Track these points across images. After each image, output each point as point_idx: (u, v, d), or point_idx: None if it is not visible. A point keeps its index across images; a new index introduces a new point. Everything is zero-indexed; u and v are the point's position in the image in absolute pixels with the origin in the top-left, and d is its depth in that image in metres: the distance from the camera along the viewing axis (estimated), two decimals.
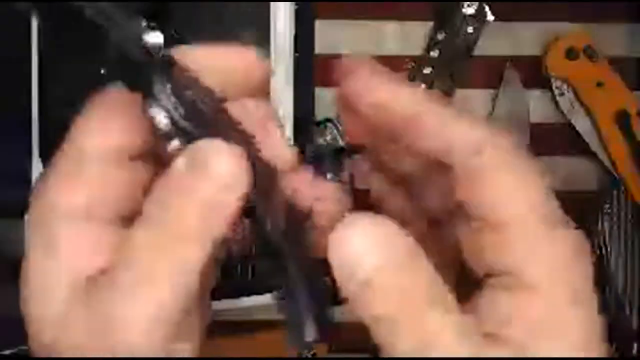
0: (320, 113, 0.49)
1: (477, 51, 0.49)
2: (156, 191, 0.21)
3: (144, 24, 0.30)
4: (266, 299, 0.46)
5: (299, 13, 0.46)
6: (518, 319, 0.22)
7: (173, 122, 0.20)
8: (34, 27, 0.42)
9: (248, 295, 0.46)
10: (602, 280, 0.48)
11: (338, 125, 0.49)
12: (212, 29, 0.43)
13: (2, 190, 0.42)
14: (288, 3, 0.44)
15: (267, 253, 0.32)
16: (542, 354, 0.22)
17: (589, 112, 0.49)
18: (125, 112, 0.23)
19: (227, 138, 0.21)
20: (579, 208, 0.24)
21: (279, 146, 0.25)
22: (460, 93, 0.50)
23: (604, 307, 0.49)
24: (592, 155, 0.50)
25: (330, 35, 0.50)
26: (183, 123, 0.20)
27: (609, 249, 0.47)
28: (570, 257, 0.23)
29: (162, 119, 0.20)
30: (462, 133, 0.22)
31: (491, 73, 0.50)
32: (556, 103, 0.49)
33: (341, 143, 0.49)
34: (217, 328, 0.33)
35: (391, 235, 0.21)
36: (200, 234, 0.21)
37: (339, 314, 0.53)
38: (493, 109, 0.50)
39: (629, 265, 0.47)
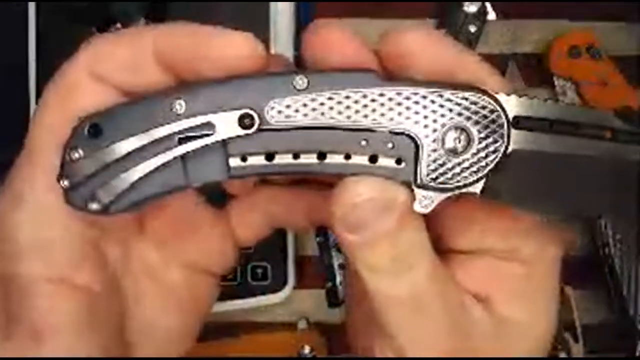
0: None
1: (479, 49, 0.49)
2: None
3: (143, 23, 0.30)
4: (266, 299, 0.46)
5: (299, 13, 0.46)
6: (500, 283, 0.25)
7: None
8: (32, 28, 0.42)
9: (248, 296, 0.45)
10: (606, 281, 0.48)
11: None
12: None
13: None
14: (288, 3, 0.44)
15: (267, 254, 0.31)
16: (511, 316, 0.24)
17: None
18: None
19: None
20: None
21: None
22: None
23: (608, 308, 0.49)
24: None
25: None
26: None
27: (612, 251, 0.47)
28: (552, 235, 0.25)
29: None
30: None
31: None
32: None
33: None
34: (217, 329, 0.33)
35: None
36: None
37: (339, 314, 0.52)
38: None
39: (633, 266, 0.47)
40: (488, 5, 0.48)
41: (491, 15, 0.49)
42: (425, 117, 0.22)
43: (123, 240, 0.26)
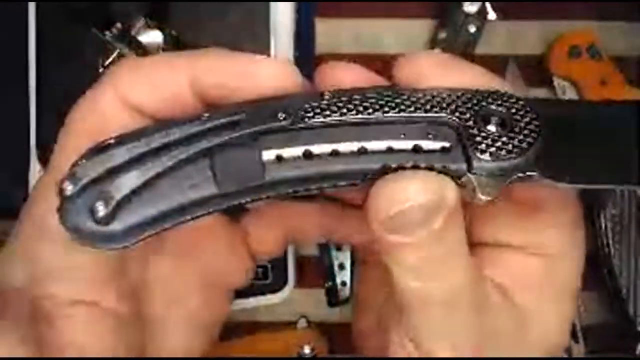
0: None
1: (479, 50, 0.49)
2: None
3: (143, 23, 0.29)
4: (266, 299, 0.46)
5: (299, 13, 0.46)
6: (525, 278, 0.24)
7: None
8: (32, 29, 0.42)
9: (248, 296, 0.45)
10: (605, 281, 0.48)
11: None
12: (212, 29, 0.42)
13: (1, 192, 0.42)
14: (288, 3, 0.44)
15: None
16: (539, 311, 0.24)
17: None
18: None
19: None
20: (582, 208, 0.25)
21: None
22: None
23: (608, 309, 0.49)
24: None
25: (330, 35, 0.50)
26: None
27: (612, 250, 0.47)
28: (581, 234, 0.25)
29: None
30: None
31: (493, 72, 0.50)
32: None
33: None
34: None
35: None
36: None
37: (339, 313, 0.52)
38: None
39: (633, 266, 0.47)
40: (488, 5, 0.48)
41: (491, 16, 0.48)
42: (459, 104, 0.22)
43: (143, 261, 0.26)
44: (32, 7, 0.42)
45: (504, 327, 0.24)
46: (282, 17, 0.43)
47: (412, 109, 0.22)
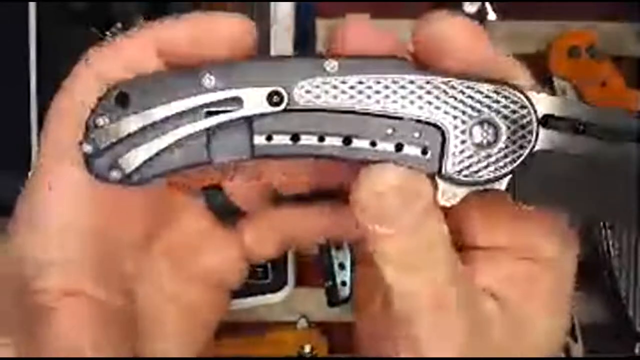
0: None
1: None
2: None
3: (143, 23, 0.30)
4: (266, 299, 0.46)
5: (299, 13, 0.46)
6: (517, 282, 0.24)
7: None
8: (32, 29, 0.42)
9: (248, 296, 0.45)
10: (606, 284, 0.48)
11: None
12: None
13: (1, 189, 0.42)
14: (288, 3, 0.44)
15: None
16: (530, 316, 0.24)
17: None
18: None
19: None
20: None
21: None
22: None
23: (607, 309, 0.49)
24: None
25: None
26: None
27: (612, 254, 0.47)
28: (574, 241, 0.25)
29: None
30: None
31: None
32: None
33: None
34: (217, 329, 0.33)
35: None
36: None
37: (339, 313, 0.52)
38: None
39: (632, 269, 0.47)
40: (488, 5, 0.48)
41: (491, 16, 0.49)
42: (455, 108, 0.22)
43: (139, 258, 0.26)
44: (32, 7, 0.42)
45: (496, 332, 0.24)
46: (282, 17, 0.44)
47: (408, 101, 0.22)
